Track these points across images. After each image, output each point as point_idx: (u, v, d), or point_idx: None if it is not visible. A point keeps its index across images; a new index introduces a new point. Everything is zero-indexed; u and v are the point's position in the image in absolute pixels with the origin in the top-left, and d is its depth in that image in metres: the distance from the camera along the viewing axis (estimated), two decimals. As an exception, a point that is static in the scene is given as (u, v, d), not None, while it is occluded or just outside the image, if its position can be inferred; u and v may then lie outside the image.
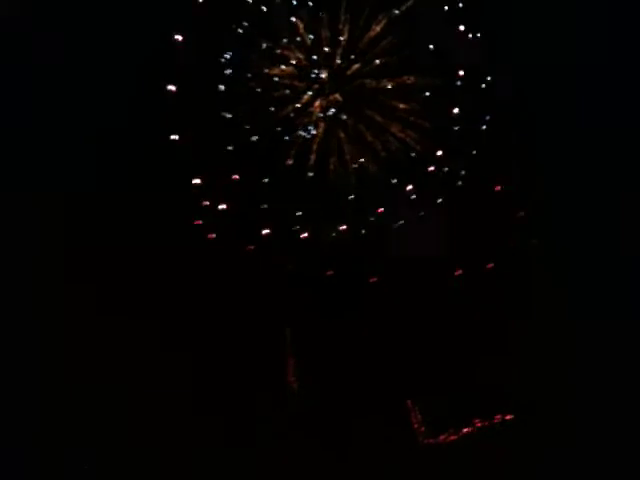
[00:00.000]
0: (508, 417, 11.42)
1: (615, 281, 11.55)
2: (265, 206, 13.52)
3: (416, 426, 12.00)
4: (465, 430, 11.55)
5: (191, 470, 11.67)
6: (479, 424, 11.47)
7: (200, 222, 13.03)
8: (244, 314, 12.47)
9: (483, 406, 11.63)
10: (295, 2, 13.64)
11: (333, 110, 13.96)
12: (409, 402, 12.13)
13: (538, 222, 12.53)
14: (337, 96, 13.94)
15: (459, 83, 13.70)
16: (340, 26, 13.83)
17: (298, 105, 13.83)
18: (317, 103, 13.85)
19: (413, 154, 13.81)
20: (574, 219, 12.00)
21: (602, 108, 11.94)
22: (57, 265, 12.32)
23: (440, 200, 13.34)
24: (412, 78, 13.74)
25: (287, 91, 13.79)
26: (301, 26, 13.74)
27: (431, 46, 13.63)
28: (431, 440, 11.81)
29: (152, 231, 12.46)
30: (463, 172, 13.63)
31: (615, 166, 11.93)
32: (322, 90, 13.95)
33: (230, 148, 13.58)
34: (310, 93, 13.88)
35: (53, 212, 12.33)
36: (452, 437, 11.61)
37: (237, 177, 13.49)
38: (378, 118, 13.89)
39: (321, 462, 11.59)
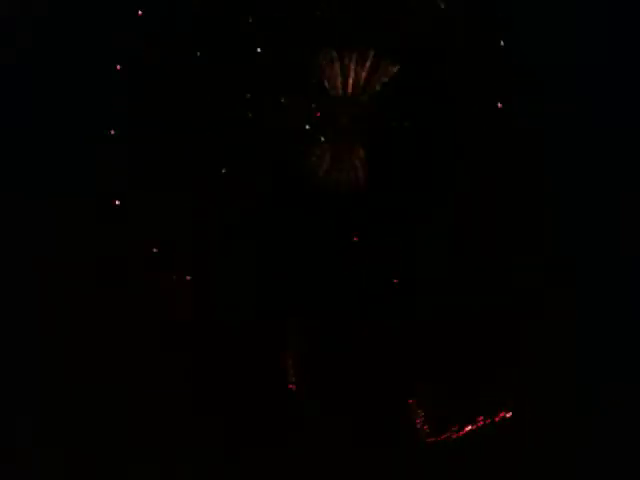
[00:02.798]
0: (509, 415, 11.44)
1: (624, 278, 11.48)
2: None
3: (419, 425, 12.00)
4: (468, 428, 11.55)
5: (191, 470, 11.63)
6: (481, 422, 11.48)
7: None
8: (244, 313, 12.41)
9: (486, 404, 11.65)
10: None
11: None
12: (411, 401, 12.14)
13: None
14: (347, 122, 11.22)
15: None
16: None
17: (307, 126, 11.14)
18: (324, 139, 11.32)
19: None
20: (579, 219, 11.91)
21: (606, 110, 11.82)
22: (57, 266, 12.31)
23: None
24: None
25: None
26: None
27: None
28: (434, 439, 11.80)
29: (152, 231, 12.43)
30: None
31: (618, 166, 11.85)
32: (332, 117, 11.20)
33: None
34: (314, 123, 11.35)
35: (52, 212, 12.33)
36: (455, 435, 11.61)
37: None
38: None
39: (322, 462, 11.57)
